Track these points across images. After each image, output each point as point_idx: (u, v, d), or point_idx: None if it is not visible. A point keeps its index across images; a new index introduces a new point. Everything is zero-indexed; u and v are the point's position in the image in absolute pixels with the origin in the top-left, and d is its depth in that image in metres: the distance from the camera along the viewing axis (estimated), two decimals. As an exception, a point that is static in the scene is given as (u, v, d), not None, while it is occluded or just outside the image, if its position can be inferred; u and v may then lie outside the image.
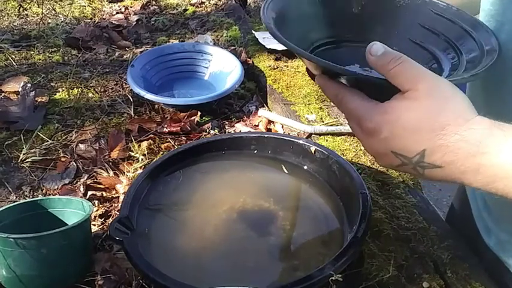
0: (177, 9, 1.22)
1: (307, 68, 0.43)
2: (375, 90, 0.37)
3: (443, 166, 0.34)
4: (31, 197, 0.64)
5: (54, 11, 1.17)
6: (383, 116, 0.35)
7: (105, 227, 0.59)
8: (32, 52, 0.99)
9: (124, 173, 0.68)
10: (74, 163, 0.69)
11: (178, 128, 0.76)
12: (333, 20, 0.46)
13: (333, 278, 0.43)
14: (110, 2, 1.24)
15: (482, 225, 0.56)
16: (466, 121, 0.33)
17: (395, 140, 0.35)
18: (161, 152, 0.72)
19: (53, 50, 1.01)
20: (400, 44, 0.44)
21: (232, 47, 1.01)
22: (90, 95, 0.86)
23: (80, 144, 0.73)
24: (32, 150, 0.71)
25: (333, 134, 0.73)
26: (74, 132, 0.76)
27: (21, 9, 1.16)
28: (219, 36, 1.07)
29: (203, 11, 1.21)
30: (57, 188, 0.66)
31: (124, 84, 0.90)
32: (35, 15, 1.15)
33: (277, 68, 0.91)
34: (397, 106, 0.35)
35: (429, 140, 0.34)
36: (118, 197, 0.64)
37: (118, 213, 0.58)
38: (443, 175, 0.35)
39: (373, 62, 0.36)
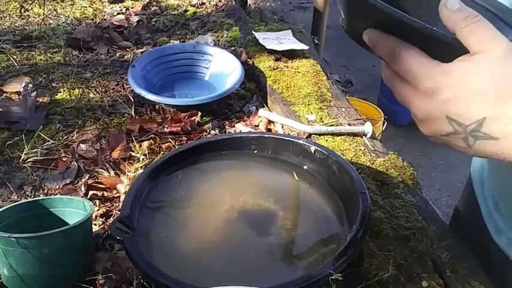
0: (177, 10, 1.23)
1: (347, 24, 0.39)
2: (439, 50, 0.34)
3: (499, 138, 0.32)
4: (32, 196, 0.65)
5: (56, 11, 1.17)
6: (446, 76, 0.32)
7: (106, 226, 0.59)
8: (34, 53, 1.00)
9: (125, 172, 0.68)
10: (75, 163, 0.70)
11: (179, 128, 0.77)
12: None
13: (333, 277, 0.43)
14: (110, 3, 1.25)
15: (493, 225, 0.56)
16: None
17: (455, 103, 0.32)
18: (162, 152, 0.72)
19: (54, 50, 1.01)
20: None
21: (233, 48, 1.01)
22: (91, 95, 0.87)
23: (81, 144, 0.73)
24: (34, 150, 0.71)
25: (333, 134, 0.74)
26: (75, 132, 0.76)
27: (22, 10, 1.16)
28: (219, 37, 1.07)
29: (203, 12, 1.22)
30: (59, 188, 0.66)
31: (125, 84, 0.90)
32: (37, 16, 1.15)
33: (277, 68, 0.91)
34: (463, 68, 0.32)
35: (492, 108, 0.32)
36: (119, 196, 0.64)
37: (119, 212, 0.58)
38: (495, 148, 0.33)
39: (446, 16, 0.33)
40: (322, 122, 0.77)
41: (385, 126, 1.50)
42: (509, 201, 0.54)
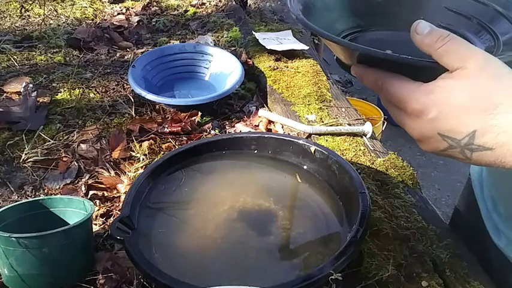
0: (177, 10, 1.23)
1: (337, 59, 0.42)
2: (419, 73, 0.35)
3: (494, 148, 0.32)
4: (33, 196, 0.65)
5: (56, 12, 1.18)
6: (429, 96, 0.33)
7: (106, 226, 0.59)
8: (34, 53, 1.00)
9: (125, 172, 0.68)
10: (76, 163, 0.70)
11: (179, 128, 0.77)
12: (358, 9, 0.45)
13: (333, 277, 0.43)
14: (111, 3, 1.25)
15: (492, 226, 0.56)
16: None
17: (444, 120, 0.33)
18: (162, 152, 0.72)
19: (54, 50, 1.01)
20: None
21: (233, 48, 1.01)
22: (91, 95, 0.87)
23: (81, 144, 0.73)
24: (34, 150, 0.72)
25: (333, 134, 0.74)
26: (75, 132, 0.77)
27: (23, 10, 1.16)
28: (219, 37, 1.07)
29: (204, 12, 1.22)
30: (59, 188, 0.66)
31: (125, 84, 0.90)
32: (37, 16, 1.15)
33: (277, 68, 0.91)
34: (445, 85, 0.33)
35: (480, 120, 0.32)
36: (119, 196, 0.65)
37: (119, 212, 0.58)
38: (493, 158, 0.33)
39: (419, 41, 0.34)
40: (322, 122, 0.77)
41: (385, 126, 1.50)
42: (508, 201, 0.54)
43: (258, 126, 0.80)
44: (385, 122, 1.56)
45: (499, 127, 0.32)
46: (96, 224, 0.59)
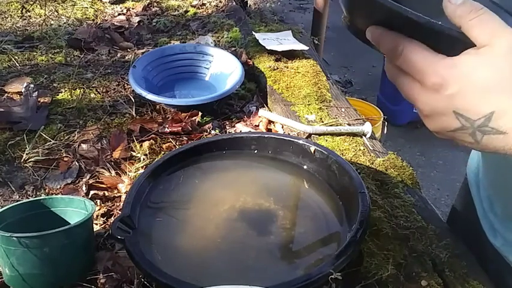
0: (178, 11, 1.23)
1: (349, 24, 0.38)
2: (444, 44, 0.33)
3: (507, 132, 0.31)
4: (34, 196, 0.65)
5: (57, 12, 1.18)
6: (452, 70, 0.32)
7: (107, 226, 0.59)
8: (35, 53, 1.00)
9: (126, 172, 0.69)
10: (77, 163, 0.70)
11: (180, 128, 0.77)
12: None
13: (333, 276, 0.44)
14: (111, 4, 1.25)
15: (488, 226, 0.56)
16: None
17: (462, 97, 0.31)
18: (162, 152, 0.72)
19: (55, 51, 1.01)
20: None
21: (233, 48, 1.01)
22: (92, 95, 0.87)
23: (82, 144, 0.74)
24: (35, 150, 0.72)
25: (333, 134, 0.74)
26: (76, 132, 0.77)
27: (24, 10, 1.17)
28: (219, 38, 1.07)
29: (204, 13, 1.22)
30: (60, 188, 0.66)
31: (126, 84, 0.90)
32: (38, 17, 1.16)
33: (277, 68, 0.91)
34: (470, 61, 0.31)
35: (500, 102, 0.31)
36: (120, 196, 0.65)
37: (120, 212, 0.58)
38: (502, 144, 0.32)
39: (451, 11, 0.32)
40: (322, 122, 0.77)
41: (385, 127, 1.50)
42: (504, 202, 0.54)
43: (258, 126, 0.80)
44: (386, 123, 1.56)
45: None
46: (96, 224, 0.59)
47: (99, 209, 0.62)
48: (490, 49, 0.31)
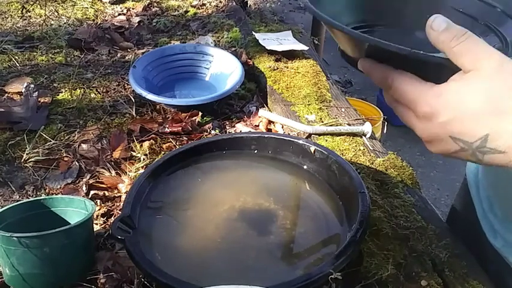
0: (178, 11, 1.23)
1: (342, 53, 0.40)
2: (431, 71, 0.34)
3: (506, 152, 0.32)
4: (34, 196, 0.65)
5: (57, 12, 1.18)
6: (441, 99, 0.32)
7: (107, 226, 0.60)
8: (35, 53, 1.00)
9: (126, 172, 0.69)
10: (77, 163, 0.70)
11: (180, 128, 0.77)
12: (365, 4, 0.44)
13: (333, 276, 0.44)
14: (112, 4, 1.25)
15: (488, 227, 0.56)
16: None
17: (455, 124, 0.32)
18: (163, 152, 0.72)
19: (55, 51, 1.02)
20: None
21: (233, 48, 1.01)
22: (92, 95, 0.87)
23: (82, 144, 0.74)
24: (35, 150, 0.72)
25: (332, 134, 0.74)
26: (76, 132, 0.77)
27: (24, 10, 1.17)
28: (219, 38, 1.07)
29: (204, 13, 1.22)
30: (60, 188, 0.66)
31: (126, 84, 0.90)
32: (38, 17, 1.16)
33: (277, 69, 0.92)
34: (457, 88, 0.32)
35: (493, 124, 0.31)
36: (120, 196, 0.65)
37: (120, 212, 0.58)
38: (505, 161, 0.33)
39: (434, 38, 0.33)
40: (322, 122, 0.77)
41: (385, 127, 1.50)
42: (504, 202, 0.54)
43: (258, 126, 0.80)
44: (385, 123, 1.56)
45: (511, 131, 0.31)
46: (97, 224, 0.59)
47: (99, 209, 0.62)
48: (476, 73, 0.32)
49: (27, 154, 0.71)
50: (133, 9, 1.25)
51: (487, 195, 0.57)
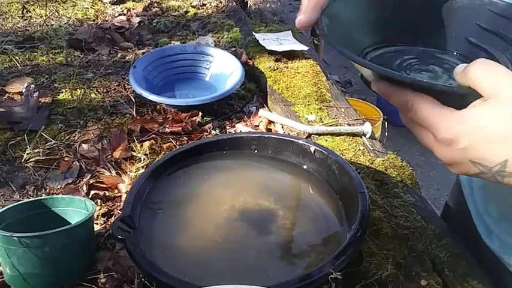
0: (178, 11, 1.23)
1: (361, 76, 0.41)
2: (453, 100, 0.35)
3: None
4: (35, 196, 0.65)
5: (58, 12, 1.18)
6: (462, 126, 0.33)
7: (107, 225, 0.60)
8: (36, 53, 1.00)
9: (126, 172, 0.69)
10: (77, 163, 0.70)
11: (180, 128, 0.77)
12: (387, 24, 0.44)
13: (332, 276, 0.44)
14: (112, 4, 1.26)
15: (483, 227, 0.56)
16: None
17: (475, 149, 0.33)
18: (163, 152, 0.73)
19: (56, 51, 1.02)
20: (457, 45, 0.43)
21: (233, 49, 1.01)
22: (92, 95, 0.87)
23: (82, 144, 0.74)
24: (36, 150, 0.72)
25: (332, 134, 0.74)
26: (77, 132, 0.77)
27: (24, 11, 1.17)
28: (220, 38, 1.08)
29: (204, 13, 1.22)
30: (61, 188, 0.66)
31: (126, 85, 0.90)
32: (39, 17, 1.16)
33: (278, 69, 0.92)
34: (479, 114, 0.33)
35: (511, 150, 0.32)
36: (120, 196, 0.65)
37: (120, 212, 0.59)
38: None
39: (459, 79, 0.34)
40: (322, 122, 0.77)
41: (386, 128, 1.50)
42: (499, 202, 0.54)
43: (258, 126, 0.81)
44: (386, 122, 1.56)
45: None
46: (97, 224, 0.59)
47: (99, 209, 0.62)
48: (496, 100, 0.32)
49: (27, 154, 0.71)
50: (133, 9, 1.25)
51: (482, 195, 0.57)
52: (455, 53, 0.44)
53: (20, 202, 0.56)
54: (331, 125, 0.76)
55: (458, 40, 0.44)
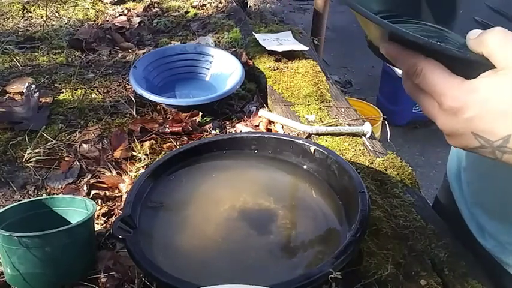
0: (178, 12, 1.24)
1: (368, 41, 0.39)
2: (465, 68, 0.33)
3: None
4: (35, 196, 0.65)
5: (58, 13, 1.18)
6: (471, 95, 0.32)
7: (108, 225, 0.60)
8: (36, 53, 1.01)
9: (127, 172, 0.69)
10: (78, 163, 0.70)
11: (180, 128, 0.77)
12: None
13: (332, 275, 0.44)
14: (112, 5, 1.26)
15: (476, 227, 0.56)
16: None
17: (480, 121, 0.32)
18: (163, 152, 0.73)
19: (56, 51, 1.02)
20: (463, 24, 0.41)
21: (233, 49, 1.02)
22: (93, 95, 0.87)
23: (83, 144, 0.74)
24: (36, 150, 0.72)
25: (332, 134, 0.74)
26: (77, 132, 0.77)
27: (25, 11, 1.17)
28: (220, 38, 1.08)
29: (204, 13, 1.22)
30: (61, 187, 0.67)
31: (127, 85, 0.91)
32: (39, 17, 1.16)
33: (277, 69, 0.92)
34: (488, 85, 0.32)
35: None
36: (121, 196, 0.65)
37: (121, 212, 0.59)
38: None
39: (472, 44, 0.33)
40: (322, 122, 0.78)
41: (387, 127, 1.50)
42: (491, 198, 0.53)
43: (258, 126, 0.81)
44: (385, 122, 1.56)
45: None
46: (98, 223, 0.60)
47: (100, 209, 0.62)
48: (508, 71, 0.31)
49: (28, 154, 0.71)
50: (134, 9, 1.25)
51: (472, 194, 0.56)
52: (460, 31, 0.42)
53: (20, 202, 0.56)
54: (331, 125, 0.76)
55: (465, 19, 0.43)
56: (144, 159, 0.70)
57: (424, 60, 0.34)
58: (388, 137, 0.83)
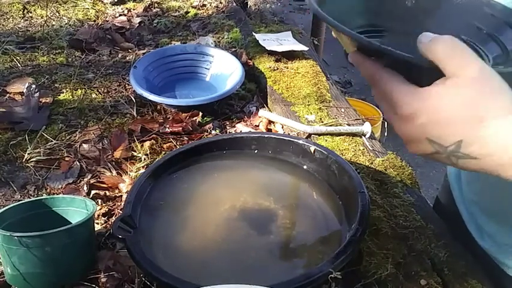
0: (178, 12, 1.24)
1: (345, 52, 0.41)
2: (416, 74, 0.35)
3: (479, 158, 0.33)
4: (35, 196, 0.65)
5: (58, 13, 1.18)
6: (422, 102, 0.34)
7: (108, 225, 0.60)
8: (37, 54, 1.01)
9: (127, 172, 0.69)
10: (78, 163, 0.70)
11: (180, 128, 0.77)
12: (381, 9, 0.45)
13: (332, 275, 0.44)
14: (112, 5, 1.26)
15: (474, 227, 0.56)
16: (509, 114, 0.32)
17: (432, 127, 0.34)
18: (163, 152, 0.73)
19: (57, 51, 1.02)
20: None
21: (233, 49, 1.02)
22: (93, 95, 0.87)
23: (83, 144, 0.74)
24: (36, 150, 0.72)
25: (332, 134, 0.74)
26: (77, 132, 0.77)
27: (25, 11, 1.17)
28: (220, 38, 1.08)
29: (204, 14, 1.22)
30: (61, 187, 0.67)
31: (127, 85, 0.91)
32: (39, 18, 1.16)
33: (277, 69, 0.92)
34: (438, 92, 0.33)
35: (467, 131, 0.32)
36: (121, 196, 0.65)
37: (121, 212, 0.59)
38: (478, 167, 0.34)
39: (422, 48, 0.34)
40: (322, 122, 0.78)
41: (386, 128, 1.51)
42: (489, 200, 0.53)
43: (258, 126, 0.81)
44: (385, 122, 1.56)
45: (484, 139, 0.32)
46: (98, 223, 0.60)
47: (100, 209, 0.62)
48: (456, 80, 0.32)
49: (28, 154, 0.71)
50: (134, 9, 1.25)
51: (471, 196, 0.56)
52: None
53: (20, 202, 0.56)
54: (331, 125, 0.76)
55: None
56: (144, 159, 0.71)
57: (381, 69, 0.36)
58: (384, 139, 0.83)
